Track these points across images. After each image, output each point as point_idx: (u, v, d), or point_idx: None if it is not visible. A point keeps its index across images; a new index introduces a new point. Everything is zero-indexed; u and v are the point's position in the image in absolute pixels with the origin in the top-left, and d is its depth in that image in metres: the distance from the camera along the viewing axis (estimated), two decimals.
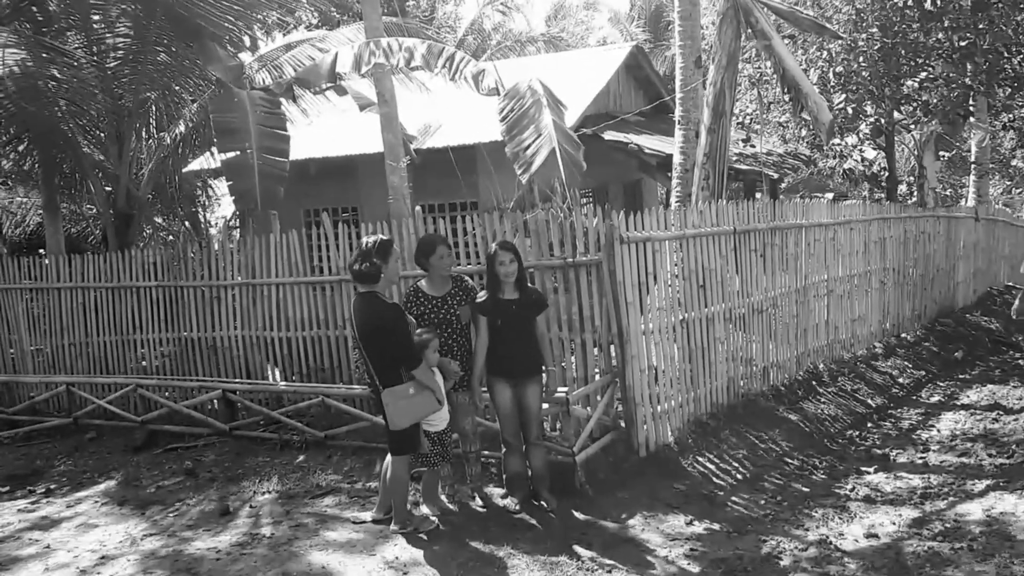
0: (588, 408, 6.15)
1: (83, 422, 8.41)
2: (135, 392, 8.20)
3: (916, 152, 15.57)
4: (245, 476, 6.74)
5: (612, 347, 6.20)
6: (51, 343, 9.28)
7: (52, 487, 7.08)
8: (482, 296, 5.55)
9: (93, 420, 8.37)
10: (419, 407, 5.13)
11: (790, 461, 6.64)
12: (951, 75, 12.18)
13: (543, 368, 5.66)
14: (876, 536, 5.15)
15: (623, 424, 6.27)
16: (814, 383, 8.29)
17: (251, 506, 6.16)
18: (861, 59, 11.98)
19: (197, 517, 6.05)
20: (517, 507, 5.60)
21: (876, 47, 11.88)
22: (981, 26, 11.40)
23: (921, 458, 6.76)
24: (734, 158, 13.17)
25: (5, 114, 9.20)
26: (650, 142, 12.99)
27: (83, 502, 6.63)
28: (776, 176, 15.68)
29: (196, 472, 6.91)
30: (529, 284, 5.75)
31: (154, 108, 10.16)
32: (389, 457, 5.44)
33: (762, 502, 5.79)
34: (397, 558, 5.06)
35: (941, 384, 9.40)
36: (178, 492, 6.61)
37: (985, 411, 8.07)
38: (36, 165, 10.39)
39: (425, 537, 5.30)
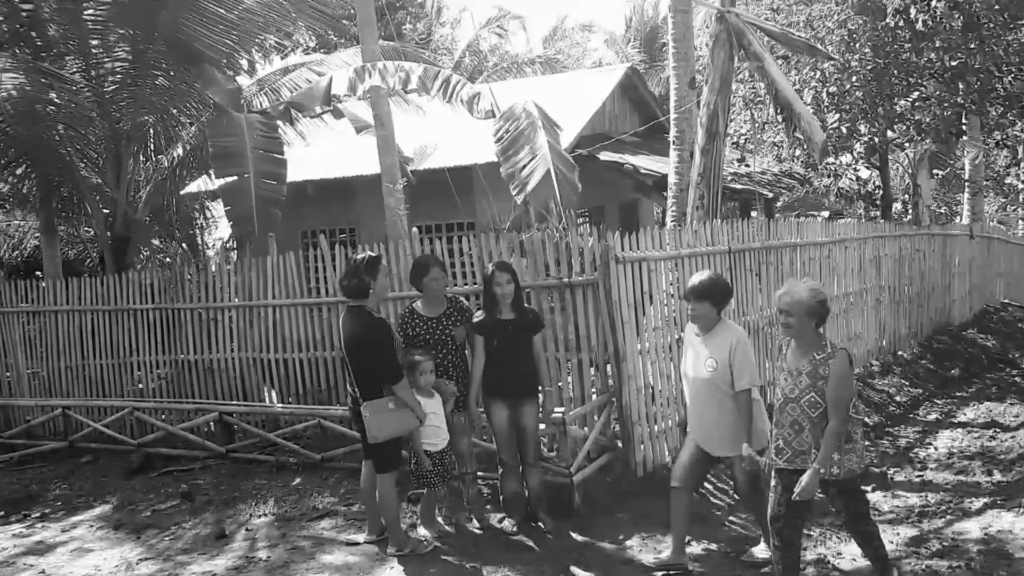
0: (585, 428, 6.15)
1: (79, 445, 8.39)
2: (131, 415, 8.18)
3: (910, 171, 15.64)
4: (241, 499, 6.71)
5: (608, 367, 6.21)
6: (47, 366, 9.27)
7: (47, 511, 7.05)
8: (479, 316, 5.57)
9: (89, 443, 8.35)
10: (397, 422, 5.14)
11: None
12: (943, 94, 12.26)
13: (540, 388, 5.66)
14: None
15: (620, 444, 6.26)
16: None
17: (247, 529, 6.14)
18: (854, 79, 12.06)
19: (193, 541, 6.03)
20: (514, 528, 5.58)
21: (868, 67, 11.97)
22: (972, 46, 11.50)
23: (919, 476, 6.75)
24: (729, 178, 13.23)
25: (3, 137, 9.26)
26: (645, 162, 13.06)
27: (78, 526, 6.59)
28: (771, 195, 15.74)
29: (192, 495, 6.88)
30: (526, 304, 5.77)
31: (152, 131, 10.22)
32: (365, 473, 5.49)
33: None
34: None
35: (938, 402, 9.39)
36: (174, 515, 6.58)
37: (982, 429, 8.07)
38: (34, 188, 10.43)
39: (422, 560, 5.27)
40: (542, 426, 5.73)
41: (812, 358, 4.19)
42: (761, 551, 5.01)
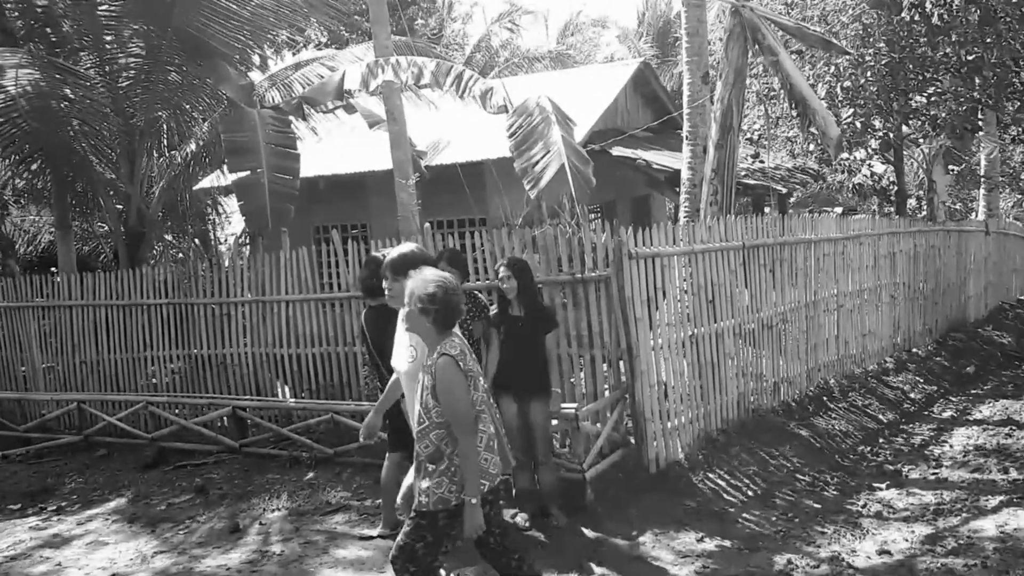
0: (598, 424, 6.14)
1: (94, 439, 8.44)
2: (145, 409, 8.23)
3: (925, 166, 15.56)
4: (255, 493, 6.74)
5: (621, 363, 6.19)
6: (62, 361, 9.33)
7: (63, 504, 7.09)
8: (493, 311, 5.61)
9: (104, 437, 8.40)
10: None
11: (801, 477, 6.60)
12: (959, 89, 12.18)
13: (550, 387, 5.64)
14: (889, 553, 5.11)
15: (633, 440, 6.25)
16: (825, 398, 8.25)
17: (261, 523, 6.17)
18: (869, 74, 12.00)
19: (207, 534, 6.06)
20: (526, 524, 5.58)
21: (883, 62, 11.90)
22: (988, 40, 11.40)
23: (934, 474, 6.72)
24: (742, 173, 13.18)
25: (19, 133, 9.29)
26: (658, 158, 13.02)
27: (94, 520, 6.64)
28: (785, 191, 15.68)
29: (206, 489, 6.92)
30: (543, 302, 5.78)
31: (165, 127, 10.26)
32: (387, 467, 5.49)
33: (773, 519, 5.76)
34: None
35: (953, 399, 9.34)
36: (188, 509, 6.61)
37: (998, 426, 8.02)
38: (49, 184, 10.48)
39: None
40: (554, 422, 5.73)
41: (427, 363, 3.69)
42: None
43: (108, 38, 9.24)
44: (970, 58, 11.62)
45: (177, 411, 8.18)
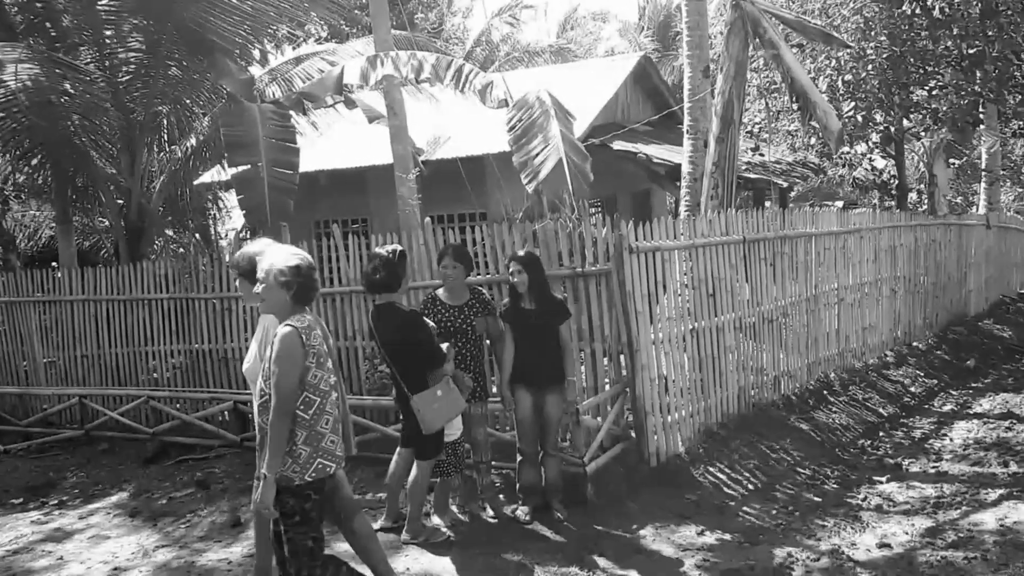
0: (598, 418, 6.15)
1: (95, 434, 8.46)
2: (147, 404, 8.24)
3: (926, 160, 15.53)
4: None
5: (622, 357, 6.20)
6: (64, 355, 9.33)
7: (65, 499, 7.11)
8: (505, 304, 5.65)
9: (105, 432, 8.41)
10: (448, 408, 5.12)
11: (801, 471, 6.61)
12: (960, 83, 12.17)
13: (565, 378, 5.66)
14: (889, 546, 5.12)
15: (633, 434, 6.26)
16: (825, 392, 8.26)
17: None
18: (870, 67, 11.98)
19: (208, 528, 6.07)
20: (528, 517, 5.59)
21: (885, 55, 11.88)
22: (990, 33, 11.39)
23: (934, 467, 6.73)
24: (743, 167, 13.17)
25: (19, 128, 9.30)
26: (659, 152, 13.00)
27: (95, 514, 6.65)
28: (785, 185, 15.66)
29: (207, 483, 6.93)
30: (554, 294, 5.79)
31: (165, 122, 10.25)
32: (396, 460, 5.49)
33: (774, 512, 5.77)
34: (408, 569, 5.06)
35: (953, 393, 9.34)
36: (189, 504, 6.62)
37: (998, 420, 8.02)
38: (49, 179, 10.47)
39: (436, 547, 5.29)
40: None
41: (272, 335, 3.62)
42: None
43: (108, 33, 9.22)
44: (971, 51, 11.61)
45: (178, 406, 8.18)
